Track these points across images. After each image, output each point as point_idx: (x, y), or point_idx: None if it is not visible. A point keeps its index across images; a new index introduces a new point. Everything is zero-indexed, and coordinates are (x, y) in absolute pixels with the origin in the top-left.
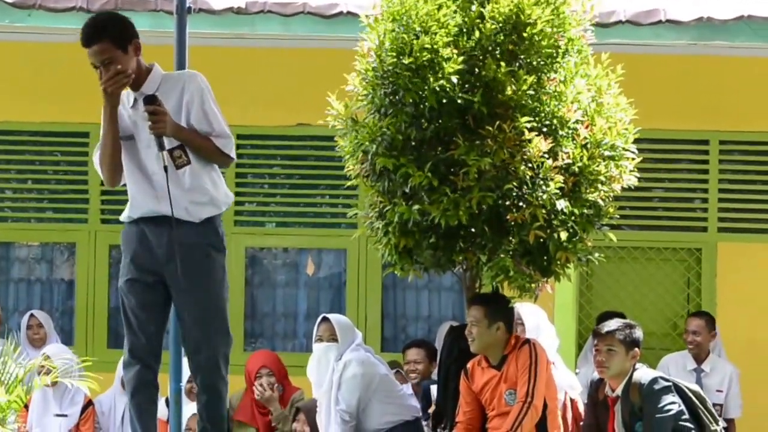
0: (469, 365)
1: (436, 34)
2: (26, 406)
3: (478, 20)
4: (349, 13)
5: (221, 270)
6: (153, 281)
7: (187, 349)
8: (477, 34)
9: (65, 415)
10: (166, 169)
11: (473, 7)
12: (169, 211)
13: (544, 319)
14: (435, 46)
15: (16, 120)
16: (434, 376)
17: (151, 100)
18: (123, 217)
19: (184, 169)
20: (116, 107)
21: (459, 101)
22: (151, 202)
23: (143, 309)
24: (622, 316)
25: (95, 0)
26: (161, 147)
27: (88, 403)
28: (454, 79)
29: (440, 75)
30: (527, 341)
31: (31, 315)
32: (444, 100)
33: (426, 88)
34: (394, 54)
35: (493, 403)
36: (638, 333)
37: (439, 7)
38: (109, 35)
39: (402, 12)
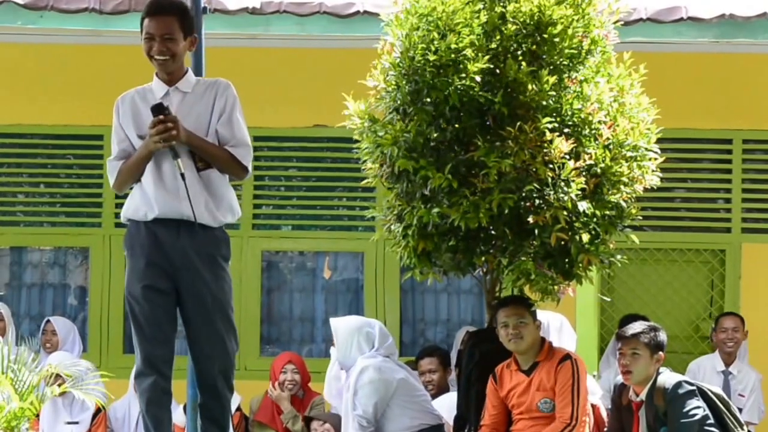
0: (497, 369)
1: (461, 33)
2: (37, 415)
3: (500, 21)
4: (365, 12)
5: (230, 277)
6: (166, 287)
7: (195, 352)
8: (499, 35)
9: (76, 422)
10: (183, 176)
11: (496, 8)
12: (190, 213)
13: (566, 324)
14: (461, 45)
15: (28, 123)
16: (450, 381)
17: (158, 110)
18: (132, 216)
19: (207, 172)
20: (155, 152)
21: (480, 100)
22: (172, 202)
23: (158, 316)
24: (645, 319)
25: (108, 1)
26: (175, 155)
27: (100, 409)
28: (478, 78)
29: (464, 74)
30: (568, 355)
31: (47, 321)
32: (465, 99)
33: (449, 87)
34: (422, 51)
35: (521, 408)
36: (663, 336)
37: (464, 5)
38: (180, 15)
39: (430, 9)
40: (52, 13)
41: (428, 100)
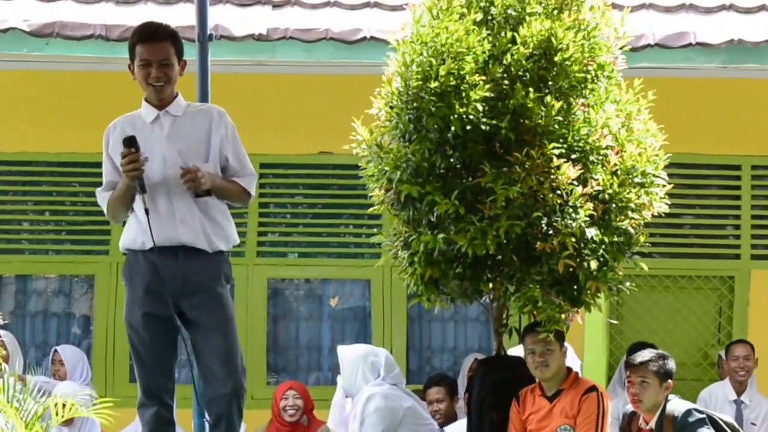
0: (521, 392)
1: (463, 59)
2: None
3: (509, 45)
4: (372, 38)
5: (232, 301)
6: (166, 314)
7: (206, 376)
8: (508, 59)
9: None
10: (147, 211)
11: (503, 33)
12: (189, 239)
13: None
14: (461, 72)
15: (34, 150)
16: (457, 409)
17: (129, 143)
18: (131, 246)
19: (205, 198)
20: (133, 184)
21: (484, 127)
22: (169, 230)
23: (159, 345)
24: (653, 347)
25: (114, 28)
26: (142, 190)
27: None
28: (480, 106)
29: (465, 101)
30: (595, 387)
31: (55, 351)
32: (468, 127)
33: (451, 114)
34: (420, 77)
35: None
36: (671, 364)
37: (468, 33)
38: (174, 41)
39: (432, 35)
40: (58, 40)
41: (433, 126)
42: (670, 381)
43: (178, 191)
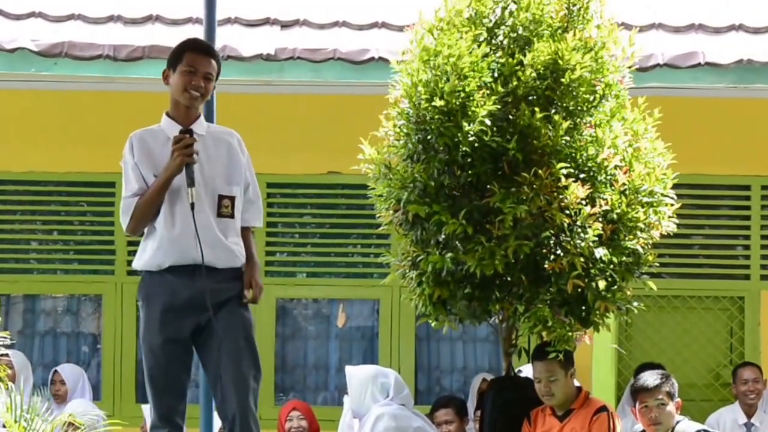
0: (532, 412)
1: (467, 77)
2: None
3: (517, 67)
4: (380, 58)
5: (252, 317)
6: (183, 336)
7: (226, 392)
8: (514, 81)
9: None
10: (192, 206)
11: (512, 55)
12: (208, 258)
13: None
14: (467, 89)
15: (42, 170)
16: (468, 430)
17: (186, 131)
18: (146, 267)
19: (225, 219)
20: (177, 174)
21: (493, 145)
22: (185, 249)
23: (175, 368)
24: (661, 367)
25: (122, 48)
26: (191, 182)
27: None
28: (488, 121)
29: (472, 118)
30: (605, 407)
31: (55, 371)
32: (477, 145)
33: (459, 133)
34: (426, 96)
35: None
36: (675, 383)
37: (470, 51)
38: (218, 61)
39: (435, 53)
40: (66, 60)
41: (439, 147)
42: (679, 400)
43: (198, 209)
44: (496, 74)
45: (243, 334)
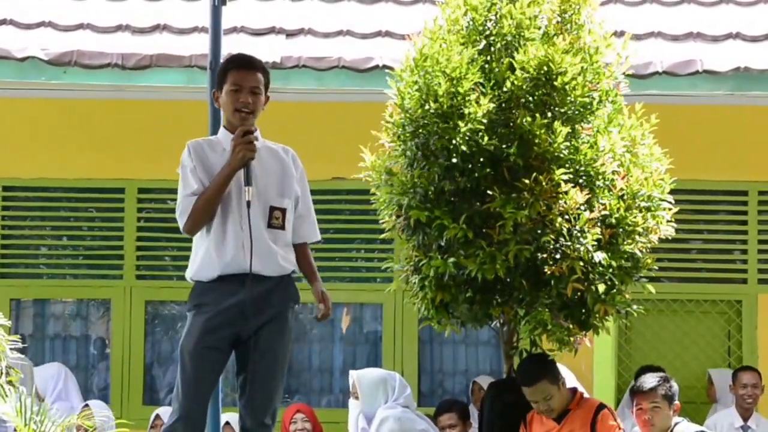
0: (528, 415)
1: (459, 79)
2: None
3: (508, 72)
4: (384, 66)
5: (292, 328)
6: (226, 345)
7: (252, 395)
8: (508, 85)
9: None
10: (248, 204)
11: (502, 60)
12: (257, 267)
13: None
14: (461, 90)
15: (52, 176)
16: None
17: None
18: (196, 277)
19: (276, 230)
20: (239, 169)
21: (490, 149)
22: (238, 258)
23: (210, 375)
24: (661, 369)
25: (130, 57)
26: (248, 181)
27: None
28: (485, 120)
29: (468, 118)
30: (603, 405)
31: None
32: (474, 148)
33: (456, 135)
34: (420, 101)
35: None
36: (675, 386)
37: (460, 54)
38: (264, 73)
39: (424, 57)
40: (76, 69)
41: (437, 151)
42: (677, 403)
43: (251, 214)
44: (489, 78)
45: (281, 353)
